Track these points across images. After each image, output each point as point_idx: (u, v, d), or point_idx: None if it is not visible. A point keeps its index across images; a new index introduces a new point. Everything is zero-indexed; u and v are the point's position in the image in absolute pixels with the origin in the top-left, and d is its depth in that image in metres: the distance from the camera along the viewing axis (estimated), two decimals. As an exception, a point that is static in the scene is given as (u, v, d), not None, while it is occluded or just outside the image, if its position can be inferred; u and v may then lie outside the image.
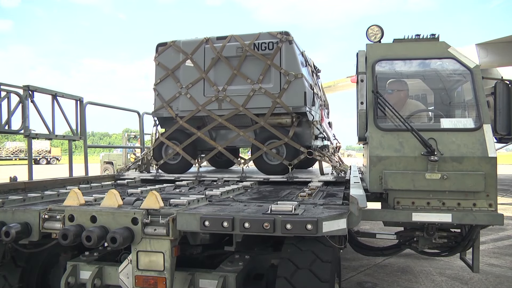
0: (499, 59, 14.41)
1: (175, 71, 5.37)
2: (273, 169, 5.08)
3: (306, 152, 4.87)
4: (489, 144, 3.35)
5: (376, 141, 3.52)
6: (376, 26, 3.72)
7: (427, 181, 3.35)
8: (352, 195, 2.70)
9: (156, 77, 5.50)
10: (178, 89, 5.32)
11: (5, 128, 4.86)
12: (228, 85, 5.11)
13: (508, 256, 6.26)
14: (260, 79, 5.00)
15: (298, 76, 4.89)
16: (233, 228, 2.54)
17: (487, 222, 3.32)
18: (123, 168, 5.84)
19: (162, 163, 5.51)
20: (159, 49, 5.52)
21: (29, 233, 2.84)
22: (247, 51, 5.01)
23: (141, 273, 2.69)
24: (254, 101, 5.02)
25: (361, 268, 5.70)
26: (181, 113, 5.32)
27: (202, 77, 5.21)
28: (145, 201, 2.76)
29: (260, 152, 5.07)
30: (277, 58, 4.94)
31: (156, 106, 5.52)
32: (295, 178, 4.78)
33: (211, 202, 3.25)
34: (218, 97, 5.13)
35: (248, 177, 4.85)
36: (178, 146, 5.37)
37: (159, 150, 5.61)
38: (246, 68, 5.08)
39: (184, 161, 5.40)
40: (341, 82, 20.85)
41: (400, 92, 4.10)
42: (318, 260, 2.69)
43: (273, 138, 5.03)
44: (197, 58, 5.25)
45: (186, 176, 5.24)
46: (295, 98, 4.89)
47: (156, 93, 5.50)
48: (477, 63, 3.63)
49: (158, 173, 5.52)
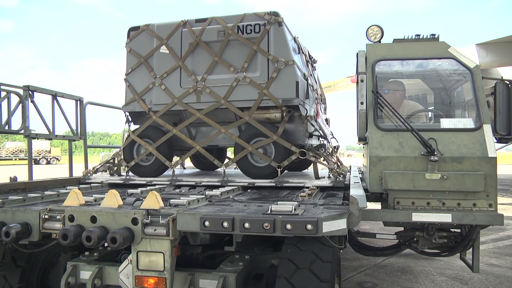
0: (499, 59, 14.41)
1: (149, 59, 4.75)
2: (260, 172, 4.44)
3: (298, 152, 4.27)
4: (489, 144, 3.35)
5: (376, 141, 3.52)
6: (376, 26, 3.72)
7: (427, 181, 3.35)
8: (352, 195, 2.71)
9: (127, 66, 4.89)
10: (151, 80, 4.72)
11: (5, 128, 4.86)
12: (208, 74, 4.50)
13: (508, 256, 6.26)
14: (244, 67, 4.38)
15: (289, 63, 4.25)
16: (233, 228, 2.54)
17: (487, 222, 3.32)
18: (90, 170, 5.07)
19: (133, 164, 4.87)
20: (131, 34, 4.89)
21: (29, 233, 2.84)
22: (229, 34, 4.40)
23: (141, 273, 2.69)
24: (238, 93, 4.40)
25: (361, 268, 5.69)
26: (155, 107, 4.72)
27: (178, 66, 4.60)
28: (145, 201, 2.77)
29: (244, 152, 4.42)
30: (265, 43, 4.32)
31: (127, 99, 4.91)
32: (285, 182, 4.18)
33: (211, 202, 3.25)
34: (196, 88, 4.52)
35: (230, 181, 4.32)
36: (151, 145, 4.76)
37: (130, 150, 4.97)
38: (228, 55, 4.47)
39: (158, 162, 4.78)
40: (341, 82, 20.86)
41: (396, 92, 4.10)
42: (318, 260, 2.69)
43: (260, 136, 4.41)
44: (173, 44, 4.64)
45: (160, 180, 4.66)
46: (285, 89, 4.26)
47: (127, 84, 4.88)
48: (477, 63, 3.63)
49: (128, 177, 4.86)
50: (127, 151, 4.97)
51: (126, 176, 4.89)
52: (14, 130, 5.07)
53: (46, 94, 5.46)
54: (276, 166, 4.28)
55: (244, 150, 4.42)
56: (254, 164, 4.50)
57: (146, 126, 4.82)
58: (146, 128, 4.83)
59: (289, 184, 4.16)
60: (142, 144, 4.82)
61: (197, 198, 3.12)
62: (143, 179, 4.74)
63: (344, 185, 4.02)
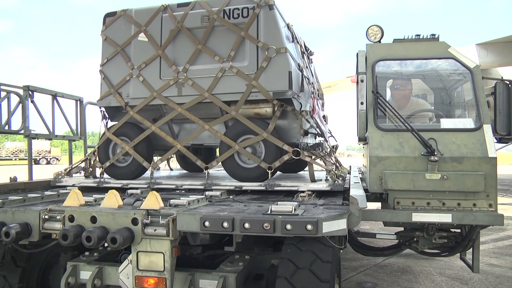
0: (499, 59, 14.42)
1: (126, 48, 4.34)
2: (248, 174, 3.97)
3: (291, 152, 3.80)
4: (489, 144, 3.35)
5: (376, 141, 3.52)
6: (376, 26, 3.72)
7: (427, 181, 3.34)
8: (352, 196, 2.71)
9: (102, 55, 4.48)
10: (128, 71, 4.30)
11: (5, 128, 4.87)
12: (191, 64, 4.08)
13: (508, 256, 6.26)
14: (231, 56, 3.96)
15: (281, 51, 3.83)
16: (233, 229, 2.55)
17: (487, 222, 3.32)
18: (62, 172, 4.61)
19: (109, 165, 4.41)
20: (107, 21, 4.47)
21: (29, 233, 2.85)
22: (214, 20, 3.99)
23: (141, 273, 2.69)
24: (224, 85, 3.99)
25: (361, 268, 5.69)
26: (132, 101, 4.30)
27: (158, 55, 4.20)
28: (145, 202, 2.77)
29: (230, 152, 3.96)
30: (254, 28, 3.91)
31: (102, 92, 4.48)
32: (276, 186, 3.76)
33: (211, 203, 3.25)
34: (177, 80, 4.09)
35: (215, 185, 3.91)
36: (128, 144, 4.32)
37: (105, 150, 4.52)
38: (213, 42, 4.06)
39: (136, 163, 4.33)
40: (341, 82, 20.87)
41: (405, 90, 4.09)
42: (318, 260, 2.69)
43: (248, 133, 3.96)
44: (152, 31, 4.25)
45: (137, 182, 4.23)
46: (276, 80, 3.84)
47: (102, 76, 4.47)
48: (477, 63, 3.63)
49: (102, 179, 4.38)
50: (102, 151, 4.53)
51: (100, 178, 4.41)
52: (14, 130, 5.08)
53: (46, 94, 5.46)
54: (266, 168, 3.83)
55: (230, 149, 3.96)
56: (242, 165, 4.03)
57: (122, 122, 4.40)
58: (123, 125, 4.41)
59: (281, 188, 3.76)
60: (118, 143, 4.39)
61: (197, 198, 3.13)
62: (119, 182, 4.29)
63: (343, 189, 3.63)
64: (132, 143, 4.31)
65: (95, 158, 4.54)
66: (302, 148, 4.02)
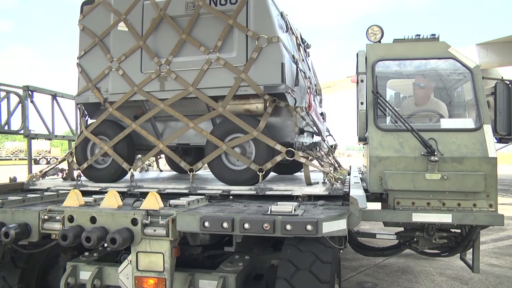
0: (499, 59, 14.44)
1: (104, 39, 4.04)
2: (237, 176, 3.63)
3: (284, 152, 3.49)
4: (489, 144, 3.35)
5: (376, 141, 3.52)
6: (376, 26, 3.71)
7: (427, 181, 3.34)
8: (352, 196, 2.70)
9: (80, 47, 4.15)
10: (107, 64, 3.99)
11: (5, 128, 4.87)
12: (174, 56, 3.78)
13: (508, 256, 6.25)
14: (218, 46, 3.64)
15: (273, 41, 3.50)
16: (233, 229, 2.54)
17: (487, 223, 3.32)
18: (36, 174, 4.30)
19: (86, 167, 4.10)
20: (85, 9, 4.16)
21: (28, 233, 2.85)
22: (200, 7, 3.68)
23: (141, 273, 2.69)
24: (210, 78, 3.67)
25: (361, 268, 5.69)
26: (112, 96, 3.99)
27: (139, 46, 3.88)
28: (144, 202, 2.77)
29: (217, 152, 3.63)
30: (243, 16, 3.59)
31: (79, 87, 4.16)
32: (268, 190, 3.44)
33: (211, 203, 3.25)
34: (159, 73, 3.79)
35: (200, 189, 3.58)
36: (107, 144, 4.02)
37: (83, 150, 4.19)
38: (199, 32, 3.74)
39: (116, 164, 4.01)
40: (341, 82, 20.87)
41: (428, 89, 4.07)
42: (318, 261, 2.69)
43: (237, 132, 3.64)
44: (133, 20, 3.93)
45: (117, 186, 3.90)
46: (268, 73, 3.51)
47: (80, 69, 4.14)
48: (477, 63, 3.63)
49: (79, 182, 4.09)
50: (79, 151, 4.19)
51: (77, 181, 4.11)
52: (14, 130, 5.08)
53: (45, 94, 5.46)
54: (256, 170, 3.50)
55: (217, 150, 3.63)
56: (230, 167, 3.69)
57: (101, 120, 4.07)
58: (102, 123, 4.08)
59: (273, 192, 3.43)
60: (96, 143, 4.08)
61: (197, 198, 3.13)
62: (97, 184, 4.00)
63: (342, 193, 3.31)
64: (111, 143, 4.00)
65: (72, 159, 4.26)
66: (297, 148, 3.70)
